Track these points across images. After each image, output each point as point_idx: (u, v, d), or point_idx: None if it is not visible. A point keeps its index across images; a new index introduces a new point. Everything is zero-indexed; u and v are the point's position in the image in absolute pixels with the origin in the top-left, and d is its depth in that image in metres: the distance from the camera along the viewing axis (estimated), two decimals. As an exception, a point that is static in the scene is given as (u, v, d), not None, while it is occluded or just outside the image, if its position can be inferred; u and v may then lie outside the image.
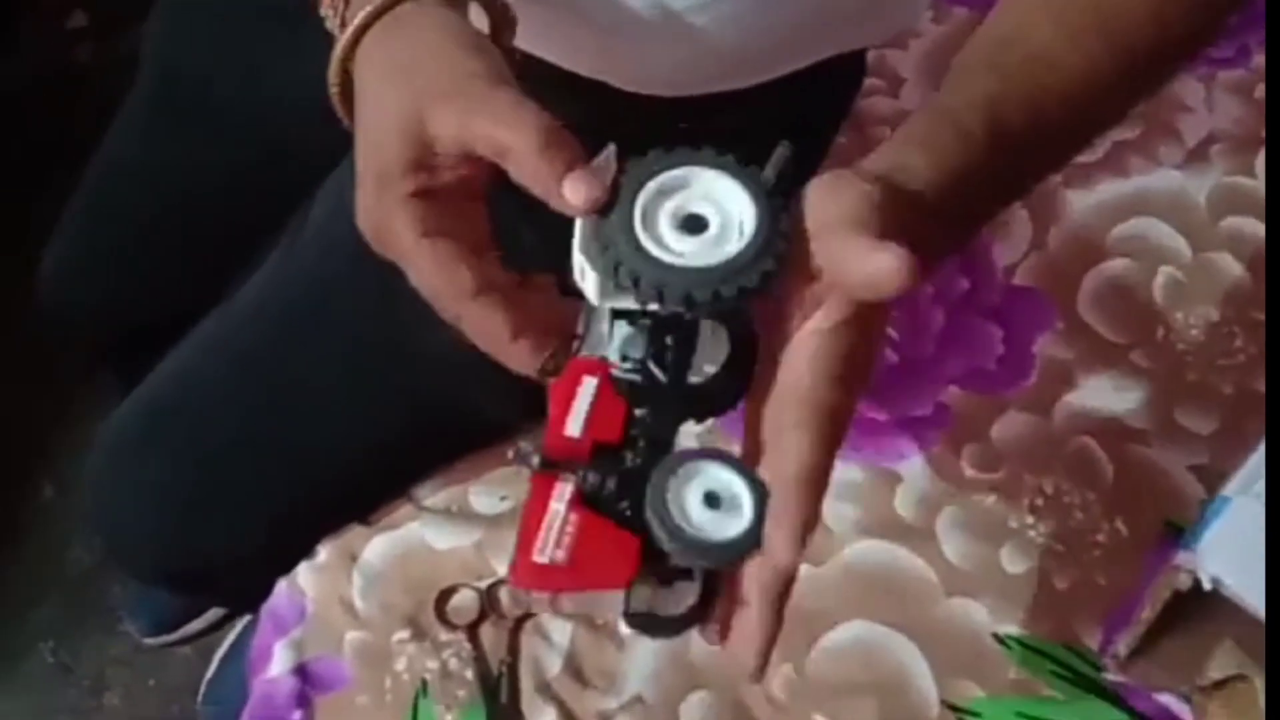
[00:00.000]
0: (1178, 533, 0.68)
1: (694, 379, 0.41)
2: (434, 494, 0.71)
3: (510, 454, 0.40)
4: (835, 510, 0.71)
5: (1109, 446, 0.73)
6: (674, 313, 0.40)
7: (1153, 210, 0.84)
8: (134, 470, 0.71)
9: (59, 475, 1.29)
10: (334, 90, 0.47)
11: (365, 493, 0.72)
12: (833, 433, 0.38)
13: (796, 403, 0.38)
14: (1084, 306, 0.80)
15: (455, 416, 0.70)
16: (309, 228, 0.71)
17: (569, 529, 0.38)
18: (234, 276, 0.77)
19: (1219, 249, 0.82)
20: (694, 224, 0.39)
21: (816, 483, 0.38)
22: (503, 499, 0.71)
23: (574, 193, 0.39)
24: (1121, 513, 0.70)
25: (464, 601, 0.67)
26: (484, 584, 0.67)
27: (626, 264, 0.38)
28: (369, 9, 0.45)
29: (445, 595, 0.67)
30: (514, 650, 0.65)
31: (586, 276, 0.40)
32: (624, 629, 0.65)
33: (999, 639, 0.66)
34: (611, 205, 0.39)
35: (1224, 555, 0.54)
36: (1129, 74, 0.48)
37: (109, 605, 1.21)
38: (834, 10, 0.64)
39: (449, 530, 0.70)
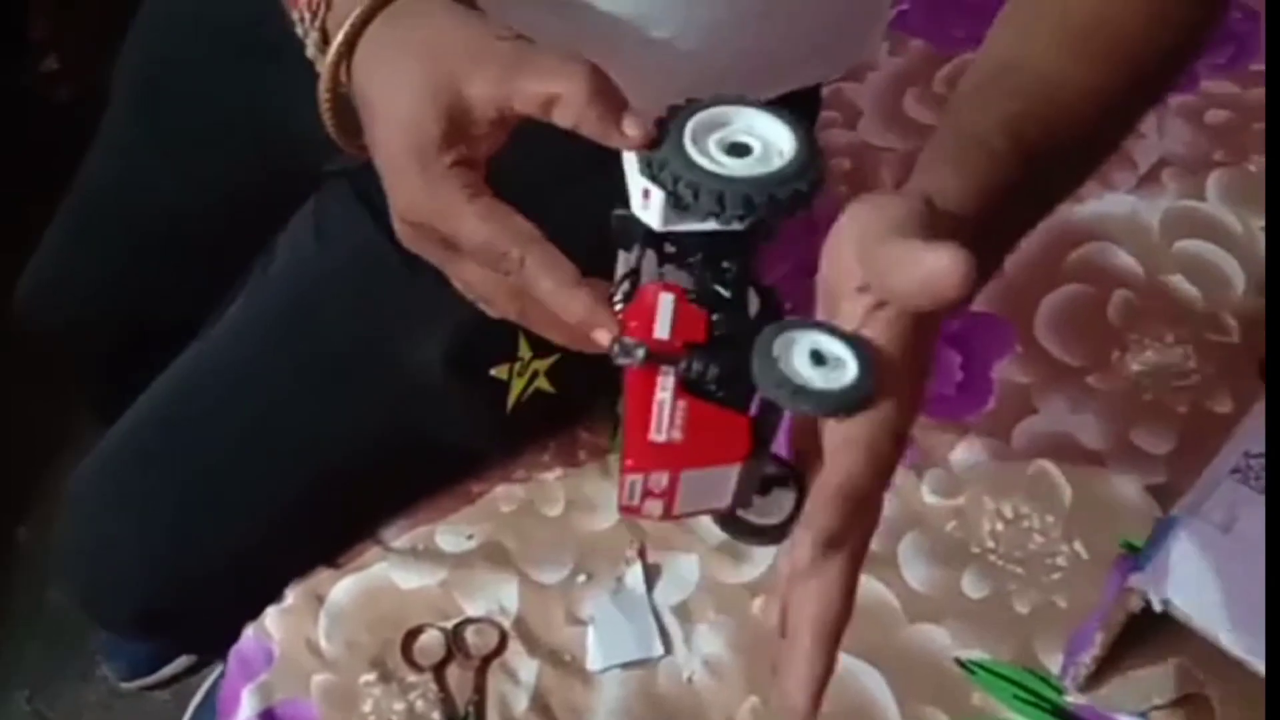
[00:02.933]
0: (1136, 553, 0.68)
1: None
2: (400, 535, 0.72)
3: (613, 346, 0.40)
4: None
5: (1067, 469, 0.74)
6: (729, 232, 0.41)
7: (1107, 235, 0.86)
8: (114, 499, 0.72)
9: (34, 518, 1.28)
10: (325, 99, 0.47)
11: (336, 520, 0.72)
12: (889, 453, 0.37)
13: (857, 419, 0.37)
14: (1041, 331, 0.81)
15: (427, 439, 0.70)
16: (286, 248, 0.72)
17: (679, 411, 0.39)
18: (213, 297, 0.78)
19: (1172, 271, 0.84)
20: (739, 150, 0.42)
21: (856, 500, 0.36)
22: (469, 538, 0.71)
23: (633, 127, 0.42)
24: (1080, 535, 0.71)
25: (430, 642, 0.67)
26: (450, 624, 0.68)
27: (685, 177, 0.40)
28: (360, 9, 0.45)
29: (411, 636, 0.67)
30: (480, 689, 0.65)
31: (651, 200, 0.42)
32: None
33: (962, 664, 0.67)
34: (660, 141, 0.42)
35: (1174, 576, 0.55)
36: (1131, 83, 0.49)
37: (86, 650, 1.20)
38: (788, 48, 0.65)
39: (415, 570, 0.70)
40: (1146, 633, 0.61)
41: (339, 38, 0.45)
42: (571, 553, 0.71)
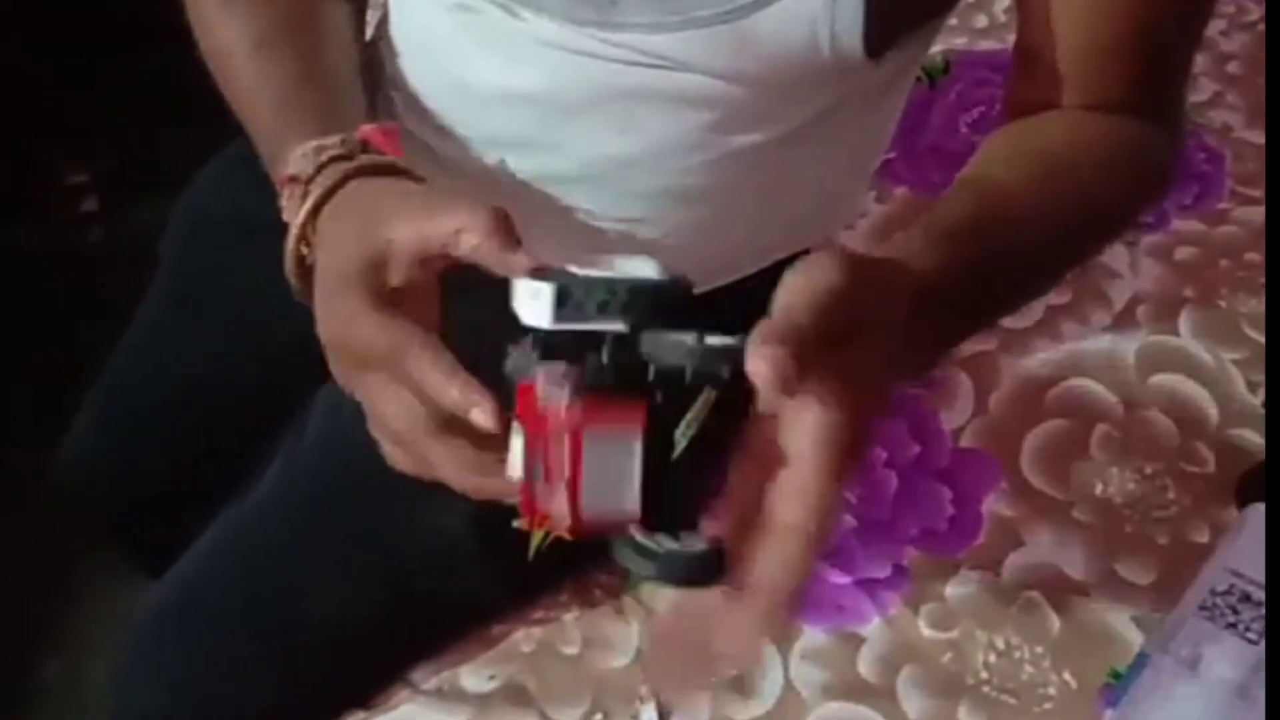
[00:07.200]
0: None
1: None
2: (428, 677, 0.76)
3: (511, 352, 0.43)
4: (802, 673, 0.75)
5: (1055, 600, 0.78)
6: (618, 336, 0.41)
7: (1086, 371, 0.91)
8: (151, 667, 0.76)
9: (63, 651, 1.32)
10: (290, 256, 0.55)
11: (363, 675, 0.77)
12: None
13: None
14: (1026, 465, 0.86)
15: (453, 594, 0.75)
16: (311, 427, 0.77)
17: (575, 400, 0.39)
18: (250, 461, 0.83)
19: (1149, 405, 0.89)
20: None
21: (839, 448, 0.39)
22: (491, 678, 0.75)
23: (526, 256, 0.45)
24: (1069, 665, 0.75)
25: (456, 781, 0.71)
26: (475, 763, 0.71)
27: (573, 279, 0.42)
28: (321, 189, 0.54)
29: (438, 776, 0.71)
30: (505, 826, 0.69)
31: (540, 295, 0.42)
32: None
33: (960, 794, 0.70)
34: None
35: (1145, 712, 0.59)
36: (1076, 210, 0.57)
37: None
38: (778, 231, 0.71)
39: (441, 711, 0.74)
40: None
41: (306, 205, 0.54)
42: (588, 691, 0.75)
